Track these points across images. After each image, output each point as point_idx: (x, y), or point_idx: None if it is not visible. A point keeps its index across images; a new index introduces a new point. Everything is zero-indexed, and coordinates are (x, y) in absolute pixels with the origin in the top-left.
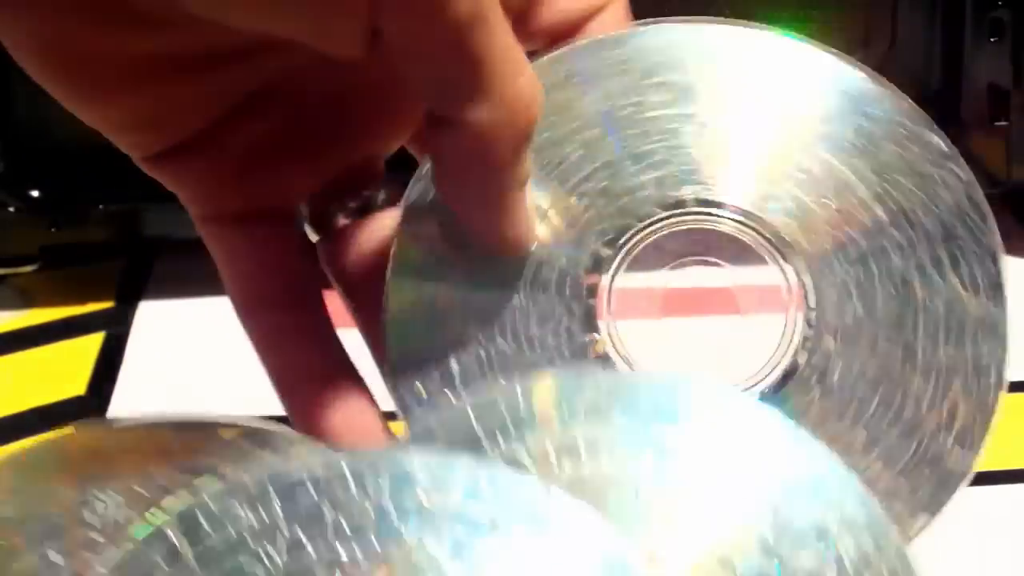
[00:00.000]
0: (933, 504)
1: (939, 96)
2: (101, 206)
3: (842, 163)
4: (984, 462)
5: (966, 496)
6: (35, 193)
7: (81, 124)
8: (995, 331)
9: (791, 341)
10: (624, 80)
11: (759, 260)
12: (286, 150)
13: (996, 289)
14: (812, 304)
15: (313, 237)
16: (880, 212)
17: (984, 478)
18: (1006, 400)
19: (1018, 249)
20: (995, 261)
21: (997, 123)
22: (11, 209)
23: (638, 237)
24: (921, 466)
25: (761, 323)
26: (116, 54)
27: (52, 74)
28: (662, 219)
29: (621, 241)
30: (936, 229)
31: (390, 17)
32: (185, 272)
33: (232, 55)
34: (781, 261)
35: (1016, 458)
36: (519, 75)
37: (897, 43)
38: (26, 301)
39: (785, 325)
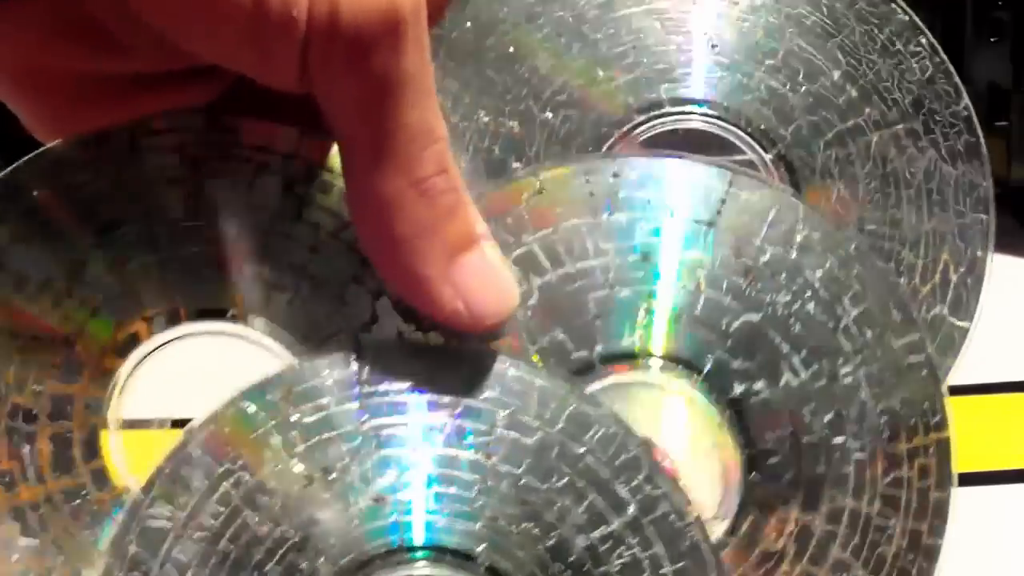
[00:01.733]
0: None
1: None
2: None
3: (810, 45)
4: (984, 462)
5: (966, 496)
6: None
7: None
8: (977, 192)
9: None
10: None
11: (738, 152)
12: None
13: (972, 152)
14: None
15: None
16: (852, 91)
17: (984, 478)
18: (1006, 400)
19: (1018, 249)
20: (969, 125)
21: (997, 123)
22: None
23: (619, 146)
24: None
25: None
26: (90, 74)
27: (25, 96)
28: (640, 123)
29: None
30: (907, 101)
31: (314, 66)
32: None
33: (188, 73)
34: (760, 151)
35: (1016, 458)
36: (424, 149)
37: None
38: None
39: None
